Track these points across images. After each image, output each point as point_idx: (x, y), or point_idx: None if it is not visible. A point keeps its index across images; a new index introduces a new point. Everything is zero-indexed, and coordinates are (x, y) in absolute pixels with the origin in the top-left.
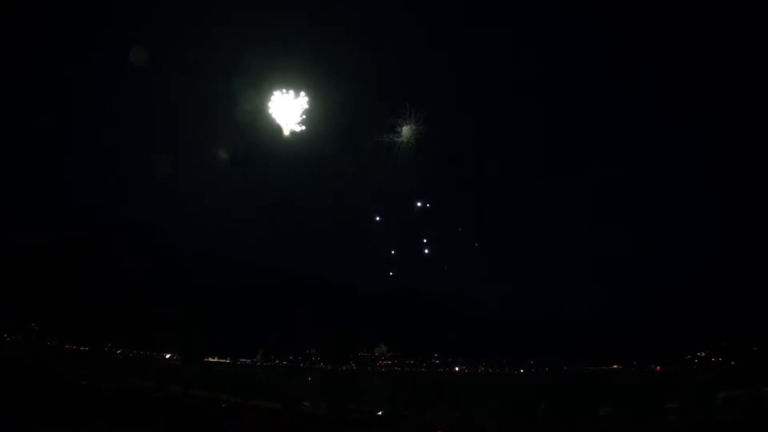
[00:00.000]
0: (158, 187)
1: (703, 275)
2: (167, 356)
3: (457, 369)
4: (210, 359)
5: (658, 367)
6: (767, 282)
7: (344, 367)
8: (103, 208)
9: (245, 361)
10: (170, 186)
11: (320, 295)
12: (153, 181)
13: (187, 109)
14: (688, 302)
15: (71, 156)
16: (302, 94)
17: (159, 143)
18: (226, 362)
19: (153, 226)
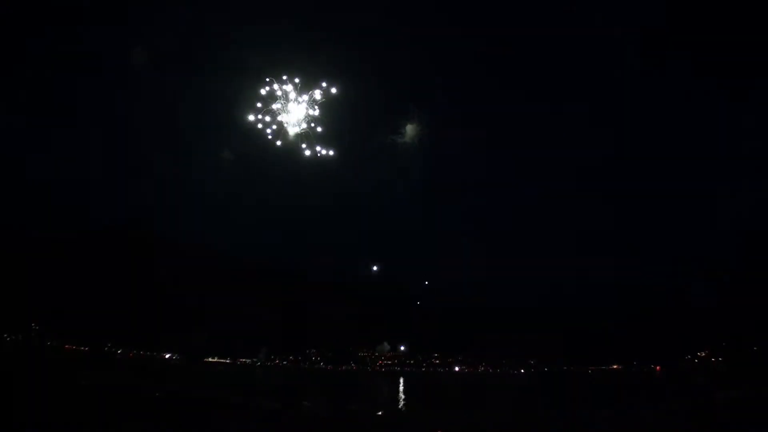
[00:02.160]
0: (159, 187)
1: (703, 275)
2: (167, 356)
3: (457, 369)
4: (210, 359)
5: (657, 367)
6: (767, 282)
7: (344, 367)
8: (104, 209)
9: (245, 361)
10: (171, 186)
11: (321, 295)
12: (154, 181)
13: (187, 109)
14: (688, 302)
15: (71, 156)
16: (306, 96)
17: (161, 142)
18: (226, 362)
19: (153, 227)
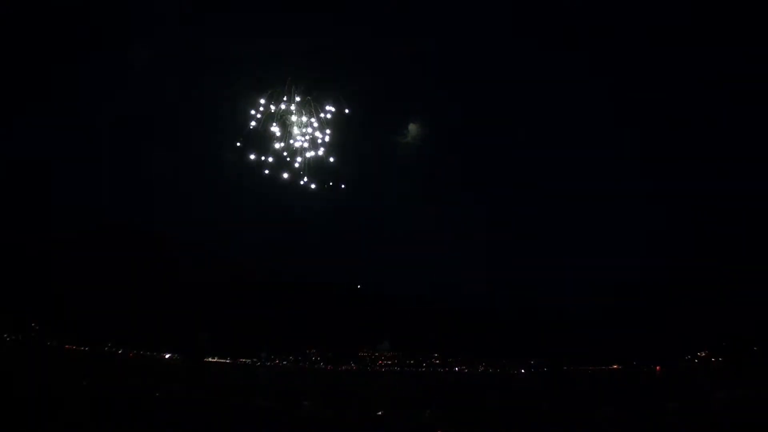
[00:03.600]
0: (159, 188)
1: (703, 274)
2: (167, 356)
3: (457, 369)
4: (210, 359)
5: (657, 367)
6: (767, 282)
7: (344, 367)
8: (104, 208)
9: (245, 361)
10: (171, 186)
11: (321, 295)
12: (153, 182)
13: (187, 109)
14: (688, 302)
15: (71, 156)
16: (312, 118)
17: (161, 142)
18: (226, 362)
19: (154, 227)
